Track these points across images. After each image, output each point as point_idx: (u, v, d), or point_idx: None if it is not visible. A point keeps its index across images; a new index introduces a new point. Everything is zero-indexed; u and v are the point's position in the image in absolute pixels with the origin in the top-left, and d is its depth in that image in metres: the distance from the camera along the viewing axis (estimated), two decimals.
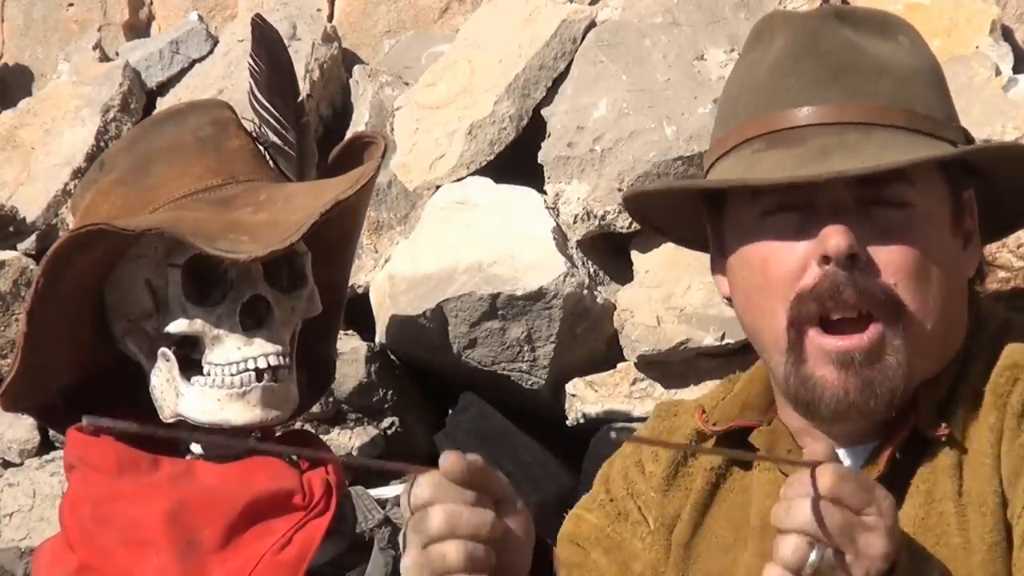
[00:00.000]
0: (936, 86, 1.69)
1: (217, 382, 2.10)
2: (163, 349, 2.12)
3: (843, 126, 1.61)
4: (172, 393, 2.12)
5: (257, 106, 2.26)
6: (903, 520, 1.57)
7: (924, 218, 1.62)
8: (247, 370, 2.10)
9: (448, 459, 1.46)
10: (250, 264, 2.10)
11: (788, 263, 1.62)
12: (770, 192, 1.63)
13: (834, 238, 1.58)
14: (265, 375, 2.11)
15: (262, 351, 2.11)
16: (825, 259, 1.59)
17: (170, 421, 2.14)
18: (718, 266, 1.75)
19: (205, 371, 2.11)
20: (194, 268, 2.11)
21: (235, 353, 2.10)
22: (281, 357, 2.12)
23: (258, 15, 2.27)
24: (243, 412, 2.10)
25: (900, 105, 1.63)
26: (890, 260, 1.60)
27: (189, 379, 2.11)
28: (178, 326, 2.10)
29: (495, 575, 1.48)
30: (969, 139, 1.69)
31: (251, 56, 2.26)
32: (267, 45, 2.25)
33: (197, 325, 2.10)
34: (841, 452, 1.66)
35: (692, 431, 1.81)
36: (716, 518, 1.75)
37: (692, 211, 1.77)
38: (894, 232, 1.61)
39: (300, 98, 2.29)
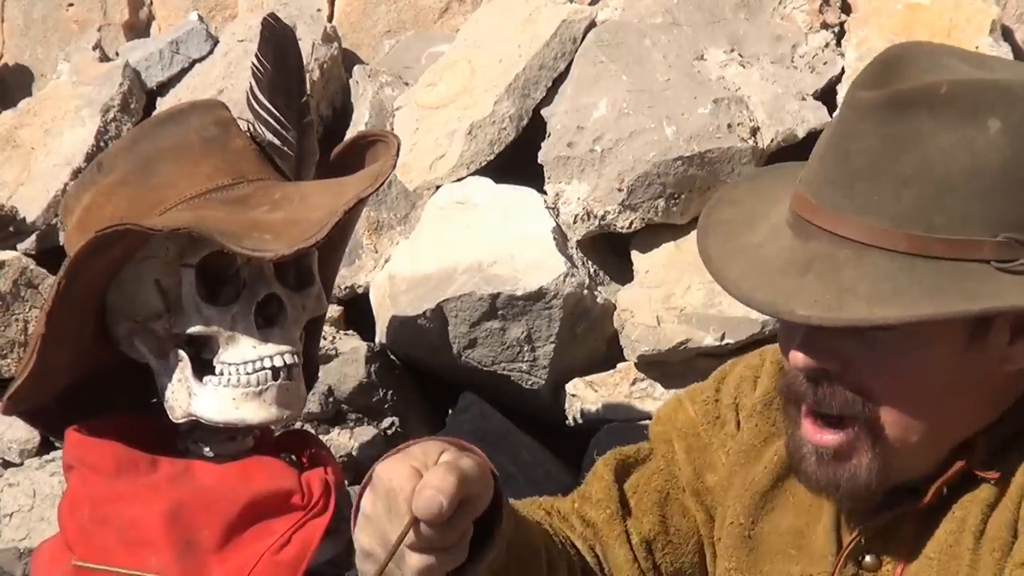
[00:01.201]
0: (992, 190, 1.47)
1: (232, 381, 2.10)
2: (175, 350, 2.12)
3: (841, 239, 1.50)
4: (184, 393, 2.12)
5: (256, 105, 2.25)
6: (933, 544, 1.57)
7: (923, 341, 1.50)
8: (263, 368, 2.10)
9: (425, 506, 1.35)
10: (263, 263, 2.11)
11: (781, 338, 1.62)
12: None
13: (795, 359, 1.54)
14: (281, 373, 2.11)
15: (277, 350, 2.11)
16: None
17: (181, 421, 2.14)
18: None
19: (218, 371, 2.11)
20: (206, 268, 2.11)
21: (250, 352, 2.10)
22: (294, 355, 2.13)
23: (271, 14, 2.27)
24: (259, 411, 2.11)
25: (914, 226, 1.47)
26: (870, 381, 1.53)
27: (201, 379, 2.11)
28: (194, 327, 2.10)
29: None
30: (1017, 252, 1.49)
31: (256, 55, 2.26)
32: (275, 44, 2.24)
33: (213, 325, 2.10)
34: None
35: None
36: (782, 505, 1.74)
37: None
38: (880, 353, 1.52)
39: (305, 98, 2.28)
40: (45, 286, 3.00)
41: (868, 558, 1.62)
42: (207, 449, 2.16)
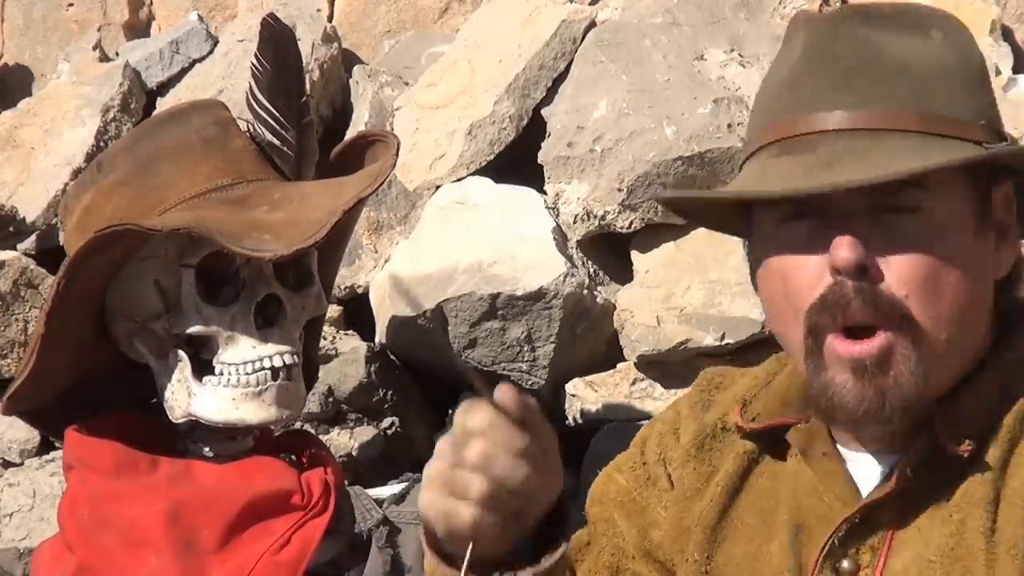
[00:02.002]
0: (964, 84, 1.63)
1: (232, 381, 2.10)
2: (175, 350, 2.12)
3: (853, 133, 1.58)
4: (184, 393, 2.12)
5: (255, 105, 2.25)
6: (930, 542, 1.58)
7: (940, 223, 1.58)
8: (263, 369, 2.10)
9: (504, 393, 1.50)
10: (263, 263, 2.11)
11: (803, 275, 1.62)
12: (783, 200, 1.63)
13: (842, 250, 1.56)
14: (280, 374, 2.11)
15: (277, 350, 2.11)
16: (836, 270, 1.58)
17: (180, 421, 2.14)
18: (753, 270, 1.76)
19: (218, 371, 2.11)
20: (206, 268, 2.11)
21: (250, 352, 2.10)
22: (294, 356, 2.13)
23: (271, 15, 2.27)
24: (258, 411, 2.11)
25: (916, 108, 1.59)
26: (901, 271, 1.57)
27: (201, 379, 2.11)
28: (194, 327, 2.10)
29: (506, 519, 1.52)
30: (1002, 136, 1.64)
31: (255, 55, 2.26)
32: (275, 44, 2.25)
33: (212, 325, 2.10)
34: (869, 458, 1.66)
35: (731, 424, 1.79)
36: (744, 504, 1.74)
37: (727, 208, 1.77)
38: (907, 241, 1.58)
39: (304, 98, 2.28)
40: (45, 286, 3.00)
41: (845, 563, 1.62)
42: (207, 449, 2.16)
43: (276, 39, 2.25)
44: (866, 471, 1.66)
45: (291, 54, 2.26)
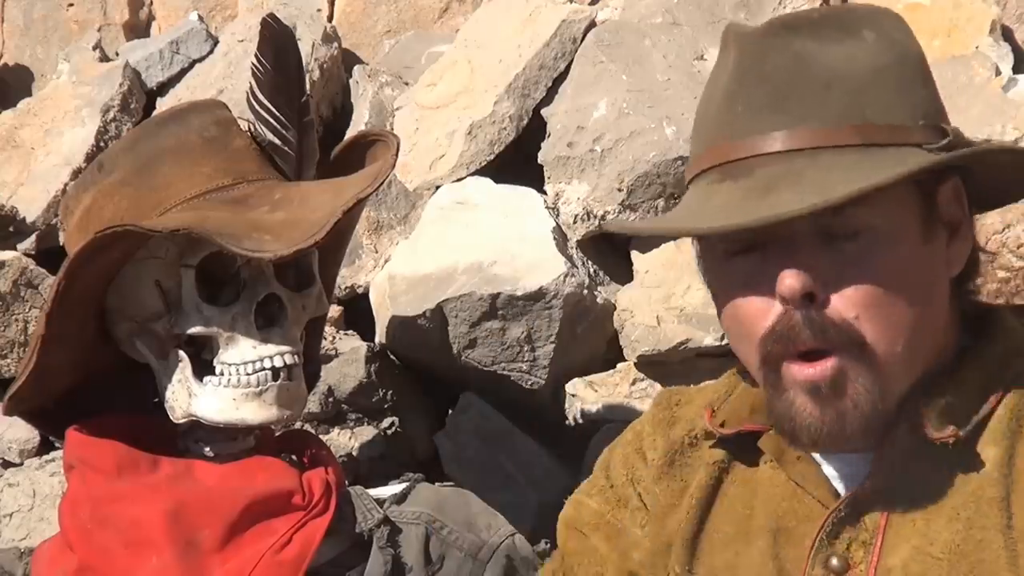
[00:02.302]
0: (901, 85, 1.61)
1: (232, 381, 2.10)
2: (175, 350, 2.12)
3: (790, 154, 1.56)
4: (184, 393, 2.12)
5: (256, 105, 2.25)
6: (934, 539, 1.57)
7: (888, 238, 1.57)
8: (263, 369, 2.10)
9: None
10: (263, 264, 2.11)
11: (753, 307, 1.61)
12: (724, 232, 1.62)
13: (787, 280, 1.55)
14: (281, 374, 2.11)
15: (277, 350, 2.11)
16: (783, 300, 1.57)
17: (181, 421, 2.14)
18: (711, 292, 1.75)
19: (218, 371, 2.11)
20: (206, 268, 2.11)
21: (250, 352, 2.10)
22: (294, 356, 2.13)
23: (271, 15, 2.27)
24: (259, 411, 2.10)
25: (852, 120, 1.57)
26: (850, 295, 1.56)
27: (201, 379, 2.11)
28: (194, 327, 2.10)
29: None
30: (944, 131, 1.61)
31: (256, 55, 2.26)
32: (275, 44, 2.24)
33: (213, 325, 2.10)
34: (844, 459, 1.66)
35: (699, 430, 1.80)
36: (719, 514, 1.74)
37: None
38: (854, 262, 1.56)
39: (305, 97, 2.28)
40: (45, 286, 3.00)
41: (835, 560, 1.61)
42: (208, 449, 2.16)
43: (276, 39, 2.25)
44: (844, 471, 1.66)
45: (291, 54, 2.26)
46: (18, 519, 2.91)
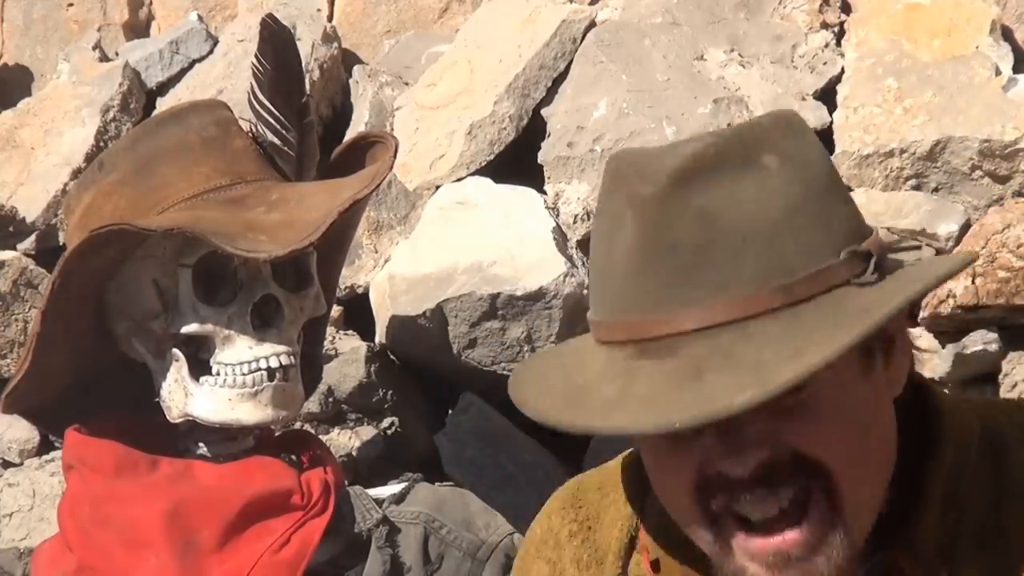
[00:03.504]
0: (814, 219, 1.45)
1: (228, 382, 2.10)
2: (172, 349, 2.12)
3: (713, 330, 1.40)
4: (181, 393, 2.12)
5: (257, 105, 2.25)
6: None
7: (826, 389, 1.44)
8: (259, 369, 2.10)
9: None
10: (260, 264, 2.11)
11: (682, 479, 1.47)
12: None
13: (735, 471, 1.42)
14: (276, 374, 2.11)
15: (273, 350, 2.11)
16: (728, 480, 1.44)
17: (178, 421, 2.14)
18: None
19: (215, 371, 2.11)
20: (203, 268, 2.11)
21: (246, 353, 2.10)
22: (291, 356, 2.13)
23: (270, 15, 2.27)
24: (254, 411, 2.10)
25: (771, 279, 1.41)
26: (799, 448, 1.43)
27: (198, 379, 2.11)
28: (190, 326, 2.10)
29: None
30: (868, 255, 1.46)
31: (256, 55, 2.26)
32: (275, 45, 2.25)
33: (208, 325, 2.10)
34: None
35: (628, 555, 1.65)
36: None
37: None
38: (795, 420, 1.43)
39: (305, 98, 2.28)
40: (45, 286, 3.00)
41: None
42: (207, 449, 2.16)
43: (275, 39, 2.25)
44: None
45: (291, 54, 2.26)
46: (18, 519, 2.91)
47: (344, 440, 2.81)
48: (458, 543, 2.19)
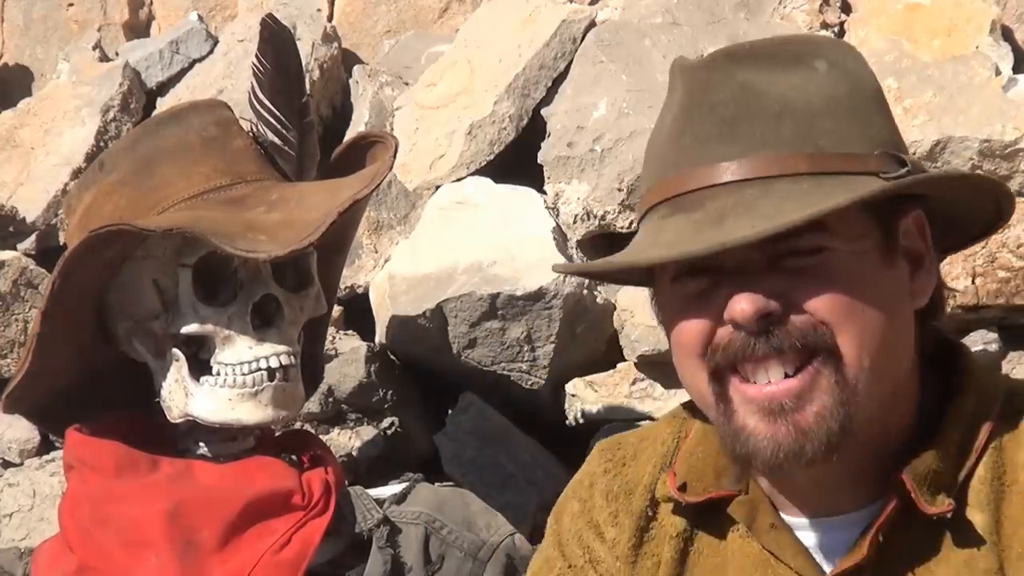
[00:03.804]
0: (855, 114, 1.56)
1: (228, 381, 2.10)
2: (172, 349, 2.12)
3: (741, 184, 1.51)
4: (181, 393, 2.12)
5: (257, 105, 2.25)
6: None
7: (845, 258, 1.51)
8: (259, 369, 2.10)
9: None
10: (260, 264, 2.11)
11: (698, 330, 1.55)
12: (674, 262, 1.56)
13: (739, 304, 1.49)
14: (277, 374, 2.11)
15: (273, 350, 2.11)
16: (736, 324, 1.51)
17: (178, 421, 2.14)
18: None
19: (215, 371, 2.11)
20: (203, 268, 2.11)
21: (246, 353, 2.10)
22: (291, 356, 2.13)
23: (269, 15, 2.27)
24: (255, 411, 2.10)
25: (804, 148, 1.52)
26: (809, 304, 1.50)
27: (198, 379, 2.11)
28: (190, 326, 2.10)
29: None
30: (902, 161, 1.55)
31: (256, 55, 2.26)
32: (275, 45, 2.24)
33: (208, 325, 2.10)
34: (819, 525, 1.59)
35: (660, 492, 1.70)
36: None
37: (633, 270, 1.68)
38: (813, 275, 1.51)
39: (305, 98, 2.28)
40: (45, 286, 3.00)
41: None
42: (207, 449, 2.16)
43: (275, 39, 2.25)
44: (823, 540, 1.59)
45: (291, 54, 2.26)
46: (18, 519, 2.91)
47: (344, 440, 2.81)
48: (459, 543, 2.19)
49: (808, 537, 1.59)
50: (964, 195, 1.62)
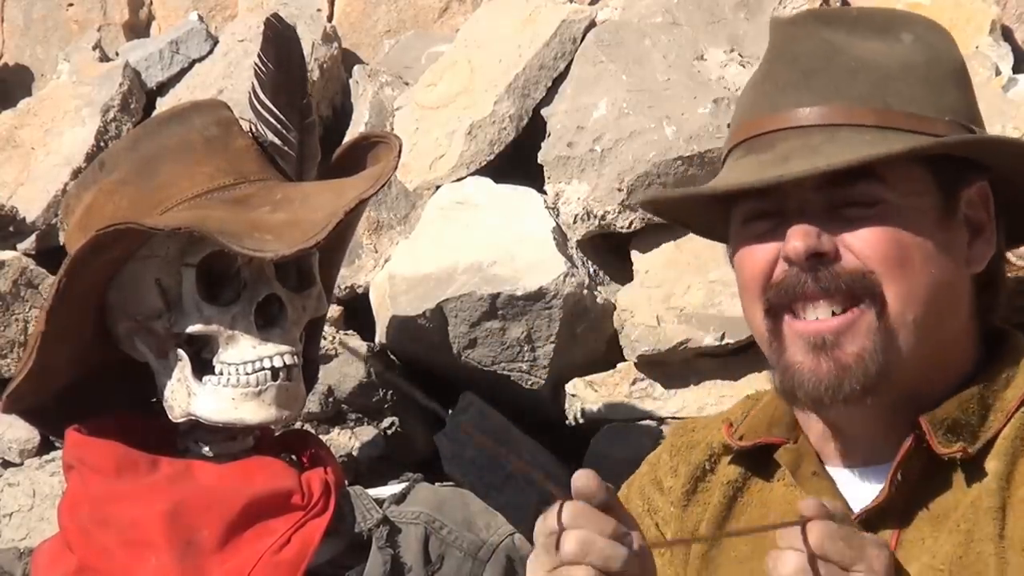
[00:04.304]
0: (929, 81, 1.64)
1: (232, 381, 2.10)
2: (175, 349, 2.12)
3: (810, 129, 1.61)
4: (184, 393, 2.12)
5: (258, 105, 2.25)
6: (937, 552, 1.57)
7: (898, 211, 1.60)
8: (263, 369, 2.10)
9: (583, 480, 1.47)
10: (263, 264, 2.11)
11: (759, 263, 1.65)
12: (744, 200, 1.67)
13: (793, 240, 1.59)
14: (280, 374, 2.11)
15: (277, 350, 2.11)
16: (788, 260, 1.61)
17: (180, 421, 2.14)
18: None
19: (217, 370, 2.11)
20: (206, 268, 2.11)
21: (250, 352, 2.10)
22: (294, 356, 2.13)
23: (274, 15, 2.27)
24: (258, 411, 2.11)
25: (874, 103, 1.61)
26: (859, 249, 1.60)
27: (200, 378, 2.11)
28: (194, 326, 2.10)
29: None
30: (972, 132, 1.64)
31: (259, 55, 2.26)
32: (278, 44, 2.24)
33: (213, 325, 2.10)
34: (857, 475, 1.67)
35: (717, 443, 1.80)
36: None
37: (713, 214, 1.79)
38: (867, 223, 1.60)
39: (307, 98, 2.28)
40: (45, 286, 3.00)
41: None
42: (207, 449, 2.16)
43: (279, 39, 2.25)
44: (858, 491, 1.66)
45: (294, 54, 2.26)
46: (18, 519, 2.91)
47: (344, 440, 2.81)
48: (459, 543, 2.19)
49: (849, 486, 1.67)
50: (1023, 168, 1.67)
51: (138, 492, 2.11)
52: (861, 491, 1.66)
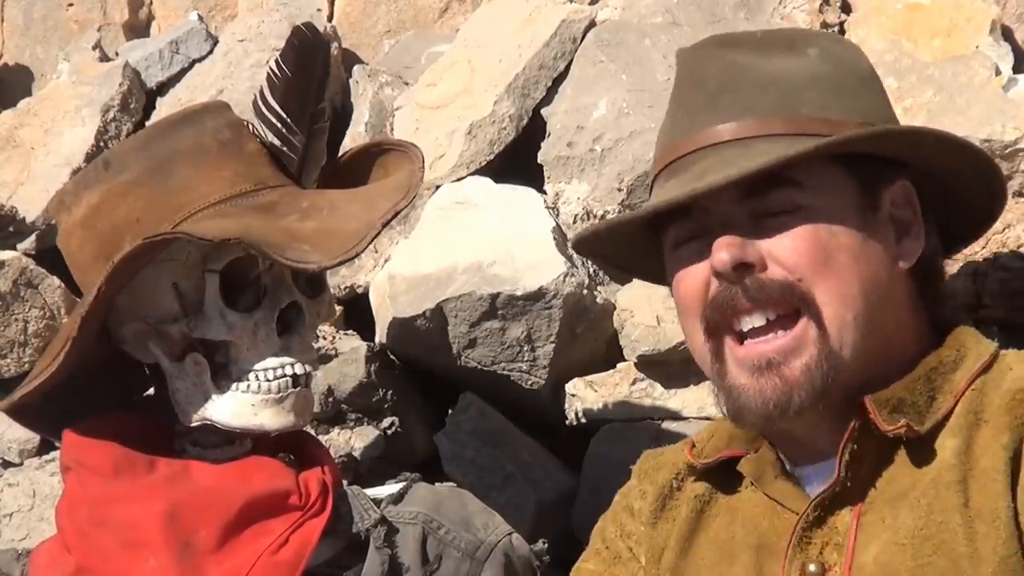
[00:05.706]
0: (838, 88, 1.67)
1: (253, 387, 2.10)
2: (193, 353, 2.11)
3: (722, 145, 1.64)
4: (200, 397, 2.11)
5: (263, 107, 2.24)
6: (899, 528, 1.60)
7: (819, 214, 1.62)
8: (284, 376, 2.10)
9: None
10: (283, 270, 2.10)
11: (693, 284, 1.68)
12: (671, 226, 1.70)
13: (718, 252, 1.61)
14: (300, 381, 2.11)
15: (298, 358, 2.11)
16: (717, 274, 1.63)
17: (195, 425, 2.13)
18: None
19: (236, 376, 2.10)
20: (225, 273, 2.10)
21: (272, 359, 2.10)
22: (313, 364, 2.14)
23: (307, 24, 2.26)
24: (277, 417, 2.10)
25: (783, 113, 1.64)
26: (784, 258, 1.61)
27: (218, 383, 2.11)
28: (217, 331, 2.09)
29: None
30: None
31: (277, 60, 2.24)
32: (299, 53, 2.23)
33: (236, 331, 2.09)
34: (821, 472, 1.68)
35: (683, 464, 1.84)
36: (702, 542, 1.77)
37: (649, 249, 1.82)
38: (791, 228, 1.62)
39: (322, 104, 2.27)
40: (45, 286, 3.00)
41: (812, 567, 1.63)
42: (205, 451, 2.16)
43: (303, 48, 2.23)
44: (823, 486, 1.66)
45: (316, 65, 2.25)
46: (18, 519, 2.91)
47: (344, 440, 2.81)
48: (456, 543, 2.19)
49: (813, 483, 1.69)
50: (942, 163, 1.69)
51: (136, 493, 2.10)
52: (824, 484, 1.67)
